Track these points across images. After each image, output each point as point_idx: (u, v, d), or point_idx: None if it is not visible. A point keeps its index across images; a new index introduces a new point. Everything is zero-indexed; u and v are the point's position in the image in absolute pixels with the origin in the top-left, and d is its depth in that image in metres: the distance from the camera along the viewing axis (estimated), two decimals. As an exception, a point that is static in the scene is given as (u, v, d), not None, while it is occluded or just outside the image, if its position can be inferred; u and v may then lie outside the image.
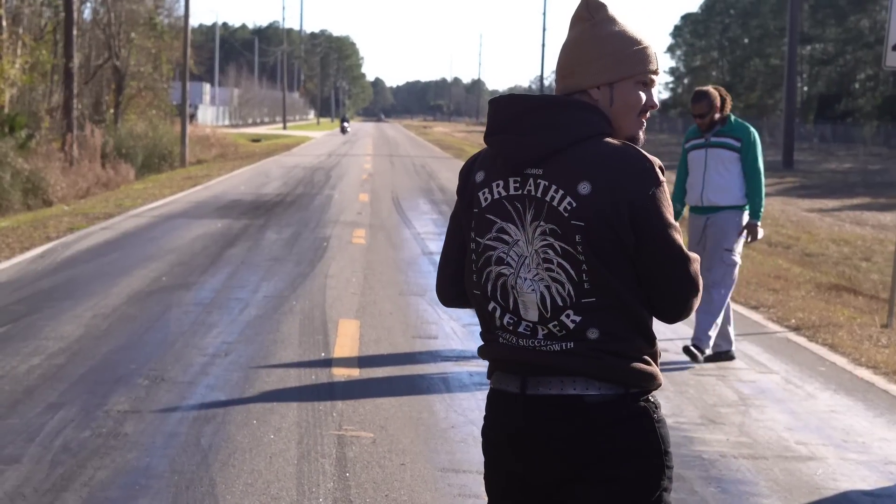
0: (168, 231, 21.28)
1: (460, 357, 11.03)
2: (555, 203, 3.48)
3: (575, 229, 3.45)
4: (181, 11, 54.07)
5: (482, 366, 10.50)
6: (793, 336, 12.69)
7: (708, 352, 11.06)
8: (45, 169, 32.03)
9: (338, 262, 17.45)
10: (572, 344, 3.50)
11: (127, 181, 38.18)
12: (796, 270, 18.26)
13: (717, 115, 11.01)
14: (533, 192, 3.52)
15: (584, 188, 3.45)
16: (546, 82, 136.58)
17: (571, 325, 3.49)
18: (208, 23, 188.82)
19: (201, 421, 8.52)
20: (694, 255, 3.56)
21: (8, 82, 37.47)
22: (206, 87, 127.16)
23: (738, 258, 11.13)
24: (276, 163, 49.33)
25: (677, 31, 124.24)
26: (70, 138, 37.50)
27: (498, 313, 3.61)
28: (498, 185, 3.59)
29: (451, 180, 39.19)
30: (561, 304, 3.50)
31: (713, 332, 11.00)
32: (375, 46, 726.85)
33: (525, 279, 3.53)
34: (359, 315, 12.98)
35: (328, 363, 10.55)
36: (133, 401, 9.02)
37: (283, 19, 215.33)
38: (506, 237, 3.57)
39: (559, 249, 3.48)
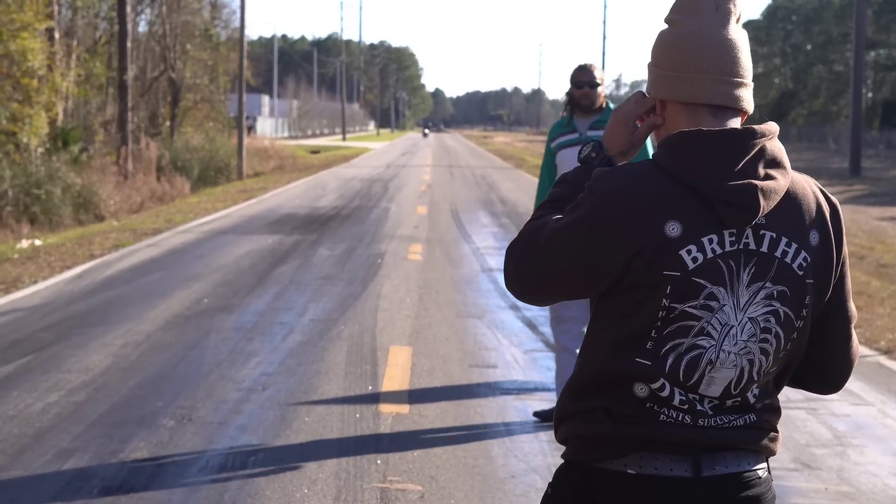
0: (216, 248, 20.38)
1: (521, 389, 10.00)
2: (787, 259, 2.83)
3: (807, 290, 2.86)
4: (238, 23, 53.28)
5: (545, 400, 9.49)
6: (885, 360, 11.61)
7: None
8: (97, 183, 31.39)
9: (392, 280, 16.49)
10: (754, 417, 2.89)
11: (182, 195, 37.49)
12: (876, 284, 17.11)
13: (600, 101, 8.70)
14: (752, 246, 2.81)
15: (814, 238, 2.87)
16: (606, 91, 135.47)
17: (752, 400, 2.89)
18: (267, 35, 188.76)
19: (227, 471, 7.52)
20: None
21: (60, 95, 36.84)
22: (265, 98, 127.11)
23: None
24: (333, 174, 48.46)
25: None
26: (124, 151, 36.98)
27: (666, 391, 2.81)
28: (712, 241, 2.78)
29: (512, 191, 38.25)
30: (756, 378, 2.86)
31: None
32: (435, 57, 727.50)
33: (729, 353, 2.80)
34: (411, 341, 12.00)
35: (375, 398, 9.56)
36: (153, 446, 8.03)
37: (342, 31, 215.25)
38: (713, 304, 2.79)
39: (782, 316, 2.83)
